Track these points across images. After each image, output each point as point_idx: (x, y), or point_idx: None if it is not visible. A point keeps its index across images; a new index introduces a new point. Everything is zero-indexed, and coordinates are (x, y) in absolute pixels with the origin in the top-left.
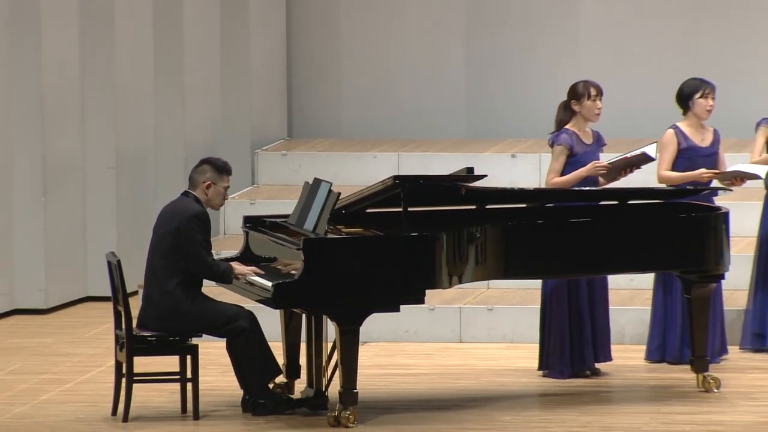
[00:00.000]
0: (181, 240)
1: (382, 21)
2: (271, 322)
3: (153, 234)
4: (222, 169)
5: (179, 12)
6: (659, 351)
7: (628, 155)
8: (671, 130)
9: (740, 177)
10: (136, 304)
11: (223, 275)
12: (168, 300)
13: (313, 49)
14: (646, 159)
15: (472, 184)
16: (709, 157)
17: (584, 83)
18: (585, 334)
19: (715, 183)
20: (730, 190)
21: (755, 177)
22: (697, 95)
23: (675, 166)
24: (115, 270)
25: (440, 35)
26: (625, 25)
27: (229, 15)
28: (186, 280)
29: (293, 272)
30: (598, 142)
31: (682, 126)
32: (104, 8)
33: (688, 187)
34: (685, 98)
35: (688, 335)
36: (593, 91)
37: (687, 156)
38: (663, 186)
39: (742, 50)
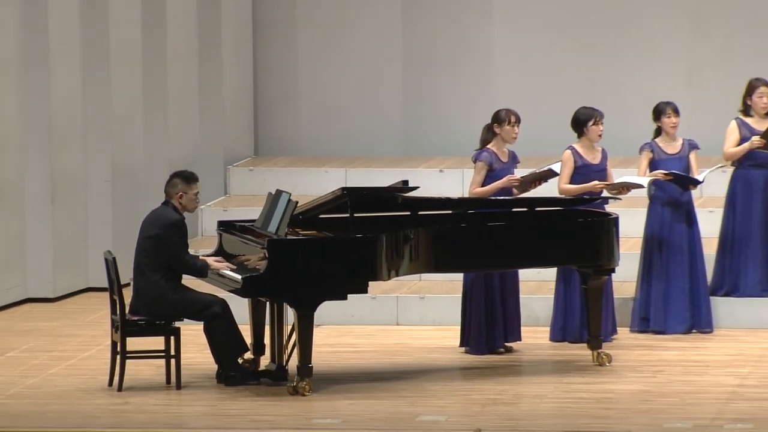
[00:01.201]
0: (164, 244)
1: (333, 58)
2: (240, 308)
3: (138, 237)
4: (190, 179)
5: (163, 52)
6: (561, 332)
7: (537, 171)
8: (569, 151)
9: (626, 186)
10: (128, 294)
11: (199, 270)
12: (154, 291)
13: (275, 82)
14: (552, 174)
15: (407, 194)
16: (600, 172)
17: (506, 111)
18: (497, 318)
19: (606, 193)
20: (619, 198)
21: (639, 186)
22: (591, 122)
23: (572, 180)
24: (111, 266)
25: (381, 71)
26: (531, 63)
27: (205, 54)
28: (168, 273)
29: (259, 267)
30: (513, 160)
31: (578, 147)
32: (102, 48)
33: (584, 196)
34: (580, 124)
35: (585, 319)
36: (513, 119)
37: (582, 172)
38: (564, 196)
39: (625, 83)
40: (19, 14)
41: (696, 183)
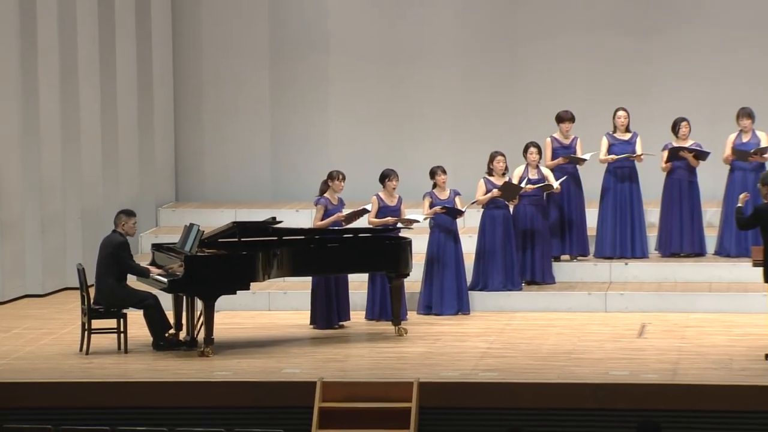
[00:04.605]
0: (115, 258)
1: (225, 136)
2: (166, 300)
3: (98, 255)
4: (129, 214)
5: (115, 131)
6: (372, 313)
7: (355, 210)
8: (375, 197)
9: (411, 222)
10: (92, 291)
11: (142, 272)
12: (109, 289)
13: (189, 152)
14: (365, 211)
15: (275, 226)
16: (395, 211)
17: (336, 171)
18: (333, 305)
19: (400, 224)
20: (411, 227)
21: (416, 221)
22: (387, 179)
23: (377, 217)
24: (81, 273)
25: (256, 143)
26: (356, 138)
27: (143, 133)
28: (118, 278)
29: (179, 273)
30: (341, 203)
31: (381, 194)
32: (74, 126)
33: (389, 226)
34: (382, 179)
35: (389, 305)
36: (341, 176)
37: (384, 211)
38: (373, 226)
39: (413, 151)
40: (20, 105)
41: (461, 213)
